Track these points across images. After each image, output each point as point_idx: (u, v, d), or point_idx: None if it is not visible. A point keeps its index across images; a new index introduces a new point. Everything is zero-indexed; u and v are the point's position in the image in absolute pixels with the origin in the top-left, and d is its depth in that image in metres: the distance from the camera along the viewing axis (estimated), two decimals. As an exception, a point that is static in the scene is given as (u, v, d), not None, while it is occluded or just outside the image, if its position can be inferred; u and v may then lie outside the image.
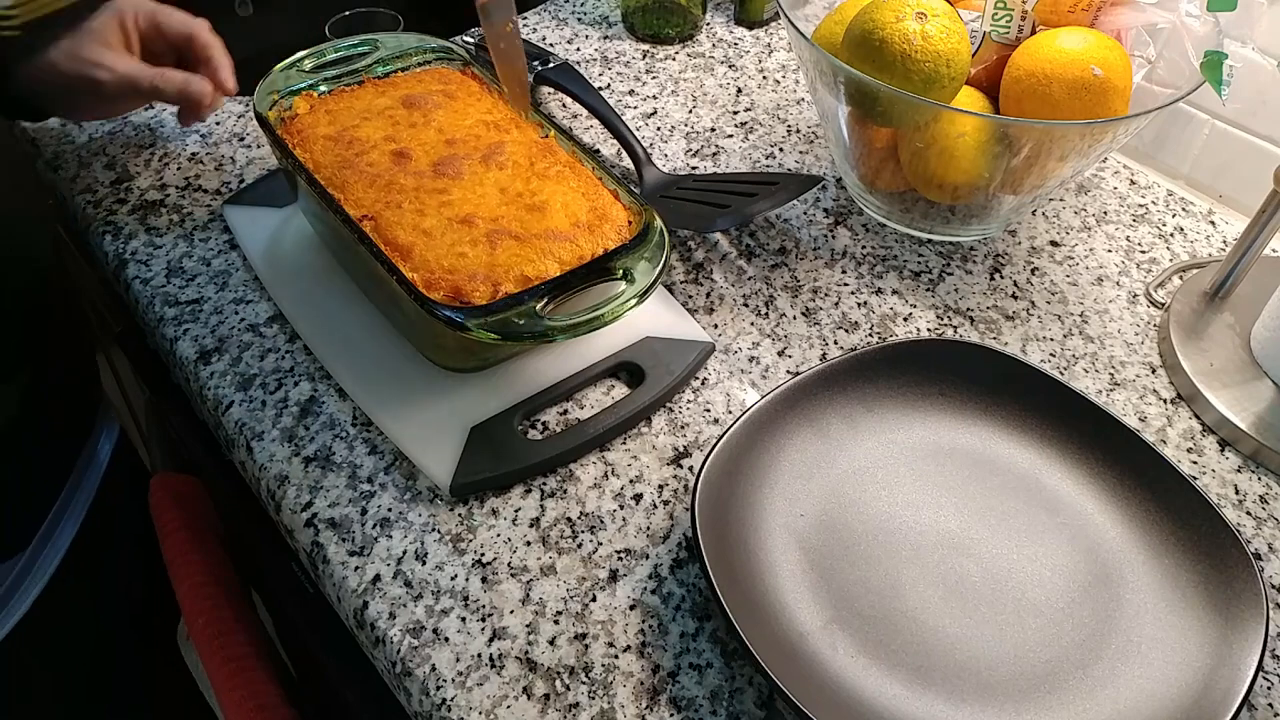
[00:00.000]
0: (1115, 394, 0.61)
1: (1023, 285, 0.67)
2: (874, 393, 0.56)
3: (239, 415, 0.56)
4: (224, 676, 0.62)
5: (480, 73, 0.66)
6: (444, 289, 0.51)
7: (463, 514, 0.52)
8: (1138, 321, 0.65)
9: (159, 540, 0.69)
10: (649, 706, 0.45)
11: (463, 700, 0.45)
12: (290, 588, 0.62)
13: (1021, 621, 0.48)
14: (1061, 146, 0.59)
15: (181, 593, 0.66)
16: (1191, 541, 0.50)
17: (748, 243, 0.69)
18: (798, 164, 0.76)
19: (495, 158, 0.58)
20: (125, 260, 0.65)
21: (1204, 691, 0.45)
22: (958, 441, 0.56)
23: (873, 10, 0.60)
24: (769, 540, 0.50)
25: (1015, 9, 0.62)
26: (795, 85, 0.84)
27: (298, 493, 0.53)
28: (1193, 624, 0.48)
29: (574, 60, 0.85)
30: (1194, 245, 0.71)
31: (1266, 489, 0.56)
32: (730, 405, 0.58)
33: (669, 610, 0.49)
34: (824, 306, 0.65)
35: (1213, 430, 0.59)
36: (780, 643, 0.46)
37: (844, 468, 0.54)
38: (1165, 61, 0.63)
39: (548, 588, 0.50)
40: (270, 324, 0.61)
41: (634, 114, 0.80)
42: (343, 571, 0.50)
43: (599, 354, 0.59)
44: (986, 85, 0.64)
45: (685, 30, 0.88)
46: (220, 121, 0.76)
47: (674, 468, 0.55)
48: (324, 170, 0.57)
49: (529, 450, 0.54)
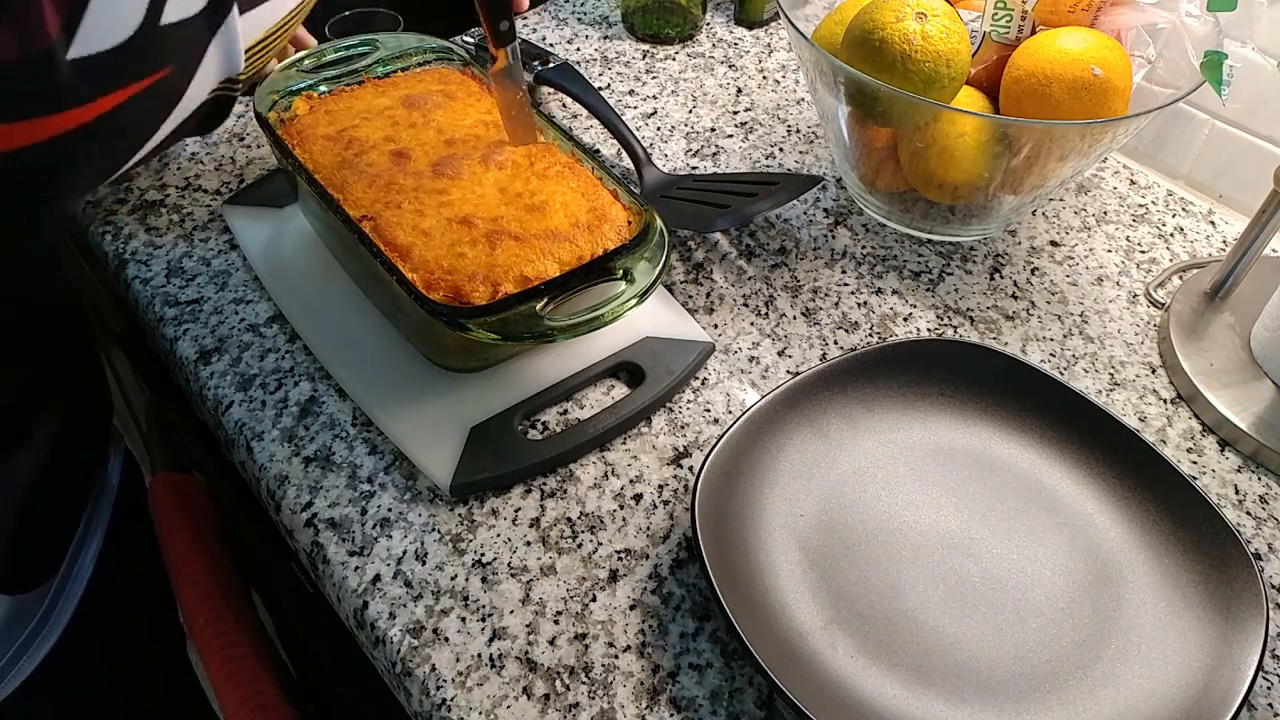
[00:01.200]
0: (1115, 394, 0.61)
1: (1023, 285, 0.67)
2: (874, 393, 0.56)
3: (239, 415, 0.56)
4: (224, 676, 0.62)
5: (480, 73, 0.66)
6: (444, 289, 0.51)
7: (463, 514, 0.52)
8: (1138, 321, 0.65)
9: (159, 540, 0.69)
10: (649, 706, 0.45)
11: (463, 700, 0.45)
12: (290, 588, 0.62)
13: (1021, 621, 0.48)
14: (1061, 146, 0.59)
15: (181, 593, 0.66)
16: (1191, 541, 0.50)
17: (748, 243, 0.69)
18: (798, 164, 0.76)
19: (495, 158, 0.58)
20: (125, 260, 0.65)
21: (1204, 691, 0.45)
22: (958, 441, 0.56)
23: (873, 10, 0.60)
24: (769, 540, 0.50)
25: (1015, 9, 0.62)
26: (795, 85, 0.84)
27: (298, 493, 0.53)
28: (1193, 624, 0.48)
29: (574, 60, 0.85)
30: (1194, 245, 0.71)
31: (1266, 489, 0.56)
32: (730, 405, 0.58)
33: (669, 610, 0.49)
34: (824, 306, 0.65)
35: (1213, 430, 0.59)
36: (780, 643, 0.46)
37: (844, 468, 0.54)
38: (1165, 61, 0.63)
39: (548, 588, 0.50)
40: (270, 324, 0.61)
41: (634, 114, 0.80)
42: (343, 571, 0.50)
43: (599, 354, 0.59)
44: (986, 85, 0.64)
45: (685, 30, 0.88)
46: (220, 121, 0.76)
47: (674, 468, 0.55)
48: (324, 170, 0.57)
49: (529, 450, 0.54)
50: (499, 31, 0.56)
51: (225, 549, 0.70)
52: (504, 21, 0.56)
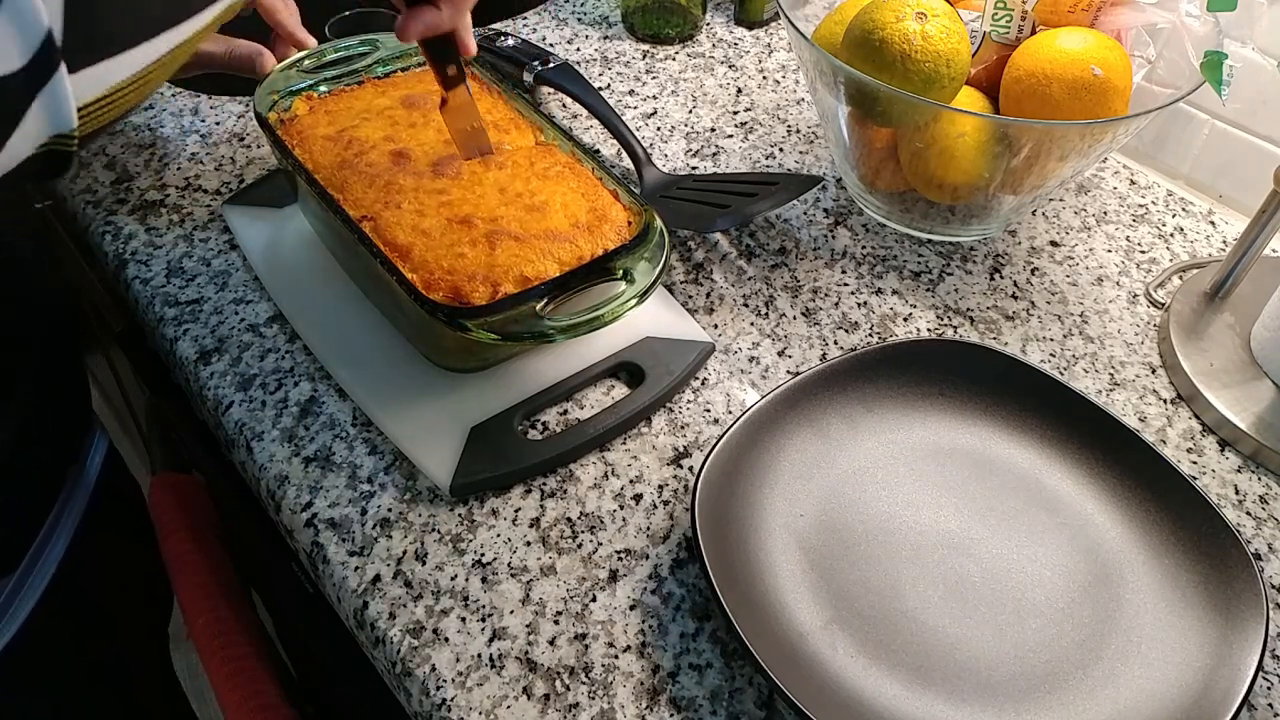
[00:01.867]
0: (1115, 394, 0.61)
1: (1023, 285, 0.67)
2: (874, 393, 0.56)
3: (239, 415, 0.56)
4: (224, 676, 0.62)
5: (480, 73, 0.66)
6: (443, 289, 0.51)
7: (463, 514, 0.52)
8: (1138, 321, 0.65)
9: (159, 540, 0.69)
10: (649, 706, 0.45)
11: (463, 700, 0.45)
12: (290, 588, 0.62)
13: (1021, 621, 0.48)
14: (1061, 146, 0.59)
15: (181, 593, 0.66)
16: (1191, 541, 0.50)
17: (748, 243, 0.69)
18: (798, 164, 0.76)
19: (494, 158, 0.58)
20: (125, 260, 0.65)
21: (1204, 691, 0.45)
22: (958, 441, 0.56)
23: (873, 10, 0.60)
24: (769, 540, 0.50)
25: (1015, 9, 0.62)
26: (795, 85, 0.84)
27: (298, 493, 0.53)
28: (1193, 624, 0.48)
29: (574, 60, 0.85)
30: (1194, 245, 0.71)
31: (1266, 489, 0.56)
32: (730, 405, 0.58)
33: (669, 610, 0.49)
34: (824, 306, 0.65)
35: (1213, 430, 0.59)
36: (780, 643, 0.46)
37: (844, 468, 0.54)
38: (1165, 61, 0.63)
39: (548, 588, 0.49)
40: (270, 324, 0.61)
41: (634, 114, 0.80)
42: (343, 571, 0.50)
43: (599, 354, 0.59)
44: (986, 85, 0.64)
45: (685, 30, 0.88)
46: (220, 121, 0.76)
47: (674, 468, 0.55)
48: (323, 170, 0.57)
49: (529, 450, 0.54)
50: (447, 76, 0.55)
51: (225, 549, 0.70)
52: (450, 66, 0.55)
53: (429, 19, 0.51)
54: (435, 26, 0.52)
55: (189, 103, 0.77)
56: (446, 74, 0.55)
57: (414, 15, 0.51)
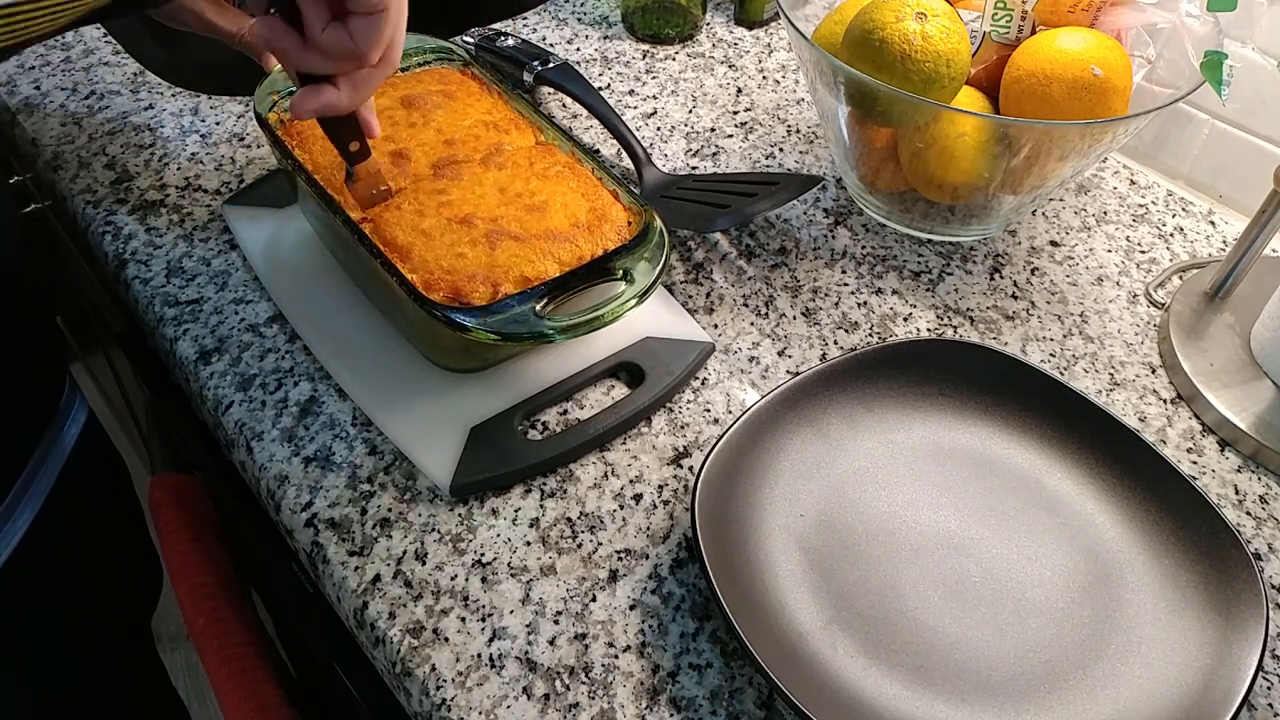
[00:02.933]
0: (1115, 394, 0.61)
1: (1023, 285, 0.67)
2: (874, 393, 0.56)
3: (239, 415, 0.56)
4: (224, 676, 0.62)
5: (480, 73, 0.66)
6: (443, 290, 0.51)
7: (463, 514, 0.52)
8: (1138, 321, 0.66)
9: (159, 540, 0.69)
10: (649, 706, 0.45)
11: (463, 700, 0.45)
12: (290, 588, 0.62)
13: (1021, 621, 0.48)
14: (1061, 146, 0.59)
15: (181, 593, 0.66)
16: (1191, 541, 0.50)
17: (748, 243, 0.69)
18: (798, 164, 0.76)
19: (494, 158, 0.58)
20: (125, 260, 0.65)
21: (1204, 691, 0.45)
22: (958, 441, 0.56)
23: (873, 10, 0.60)
24: (769, 540, 0.50)
25: (1015, 9, 0.62)
26: (795, 85, 0.84)
27: (298, 493, 0.53)
28: (1193, 624, 0.48)
29: (574, 60, 0.85)
30: (1194, 245, 0.71)
31: (1266, 489, 0.56)
32: (730, 405, 0.58)
33: (669, 610, 0.49)
34: (824, 306, 0.65)
35: (1213, 430, 0.59)
36: (780, 643, 0.46)
37: (844, 468, 0.54)
38: (1165, 61, 0.63)
39: (548, 588, 0.50)
40: (270, 324, 0.61)
41: (634, 114, 0.80)
42: (343, 571, 0.50)
43: (599, 354, 0.59)
44: (986, 85, 0.64)
45: (685, 30, 0.88)
46: (220, 121, 0.76)
47: (674, 468, 0.55)
48: (323, 170, 0.57)
49: (529, 450, 0.54)
50: (349, 152, 0.52)
51: (225, 549, 0.70)
52: (354, 142, 0.52)
53: (326, 99, 0.47)
54: (332, 107, 0.48)
55: (189, 103, 0.77)
56: (349, 150, 0.52)
57: (309, 93, 0.47)
